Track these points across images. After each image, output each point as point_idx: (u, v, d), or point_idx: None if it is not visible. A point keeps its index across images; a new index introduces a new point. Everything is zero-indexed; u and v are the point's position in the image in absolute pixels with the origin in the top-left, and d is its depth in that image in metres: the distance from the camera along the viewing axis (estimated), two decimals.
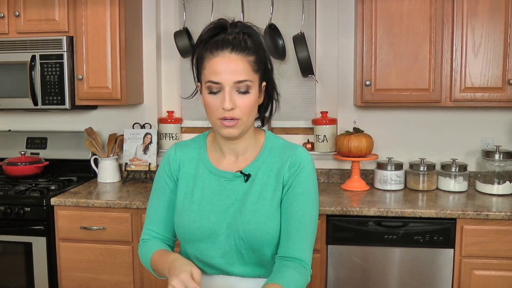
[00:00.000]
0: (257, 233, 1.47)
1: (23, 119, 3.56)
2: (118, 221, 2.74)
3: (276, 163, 1.53)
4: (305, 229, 1.49)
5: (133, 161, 3.22)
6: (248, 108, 1.43)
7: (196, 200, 1.53)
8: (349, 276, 2.62)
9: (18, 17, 3.03)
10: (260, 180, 1.52)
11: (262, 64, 1.48)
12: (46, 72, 3.00)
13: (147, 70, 3.36)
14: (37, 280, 2.79)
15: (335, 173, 3.25)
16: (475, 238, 2.49)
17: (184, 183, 1.57)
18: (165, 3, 3.37)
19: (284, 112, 3.29)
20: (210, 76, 1.41)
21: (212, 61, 1.41)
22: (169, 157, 1.61)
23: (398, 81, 2.79)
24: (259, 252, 1.50)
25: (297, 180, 1.50)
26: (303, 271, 1.45)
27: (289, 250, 1.47)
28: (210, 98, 1.43)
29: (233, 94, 1.41)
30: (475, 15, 2.69)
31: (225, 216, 1.50)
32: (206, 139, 1.62)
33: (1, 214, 2.77)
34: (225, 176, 1.53)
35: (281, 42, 3.16)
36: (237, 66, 1.40)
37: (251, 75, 1.42)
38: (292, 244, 1.47)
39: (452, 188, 2.92)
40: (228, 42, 1.41)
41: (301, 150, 1.55)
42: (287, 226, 1.48)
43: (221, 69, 1.40)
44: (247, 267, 1.52)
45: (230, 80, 1.39)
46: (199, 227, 1.50)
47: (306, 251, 1.48)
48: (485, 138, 3.10)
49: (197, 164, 1.58)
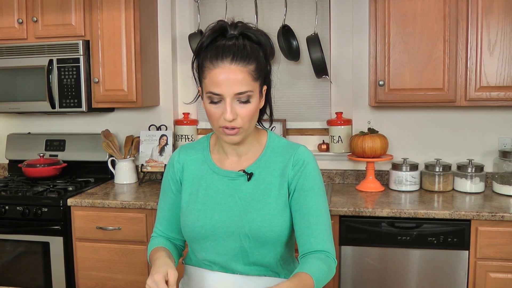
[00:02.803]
0: (263, 231, 1.48)
1: (42, 122, 3.64)
2: (133, 222, 2.78)
3: (279, 162, 1.55)
4: (324, 222, 1.51)
5: (149, 162, 3.25)
6: (249, 116, 1.44)
7: (200, 199, 1.56)
8: (362, 277, 2.60)
9: (36, 23, 3.10)
10: (264, 179, 1.53)
11: (263, 69, 1.48)
12: (63, 76, 3.05)
13: (163, 72, 3.40)
14: (55, 279, 2.85)
15: (350, 174, 3.23)
16: (491, 240, 2.45)
17: (188, 184, 1.60)
18: (180, 6, 3.41)
19: (299, 113, 3.30)
20: (210, 87, 1.41)
21: (212, 72, 1.41)
22: (173, 160, 1.66)
23: (412, 81, 2.77)
24: (264, 250, 1.51)
25: (304, 177, 1.52)
26: (329, 261, 1.48)
27: (313, 245, 1.49)
28: (211, 107, 1.44)
29: (234, 104, 1.41)
30: (490, 12, 2.65)
31: (229, 214, 1.52)
32: (209, 141, 1.65)
33: (20, 214, 2.83)
34: (228, 176, 1.55)
35: (295, 43, 3.16)
36: (237, 76, 1.39)
37: (251, 84, 1.42)
38: (315, 238, 1.49)
39: (468, 189, 2.88)
40: (228, 51, 1.40)
41: (303, 148, 1.58)
42: (306, 222, 1.50)
43: (222, 80, 1.39)
44: (251, 265, 1.54)
45: (231, 92, 1.39)
46: (203, 225, 1.52)
47: (329, 243, 1.51)
48: (503, 138, 3.04)
49: (201, 165, 1.61)
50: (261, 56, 1.48)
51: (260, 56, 1.47)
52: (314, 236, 1.49)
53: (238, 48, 1.42)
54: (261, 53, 1.48)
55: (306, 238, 1.50)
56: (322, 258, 1.46)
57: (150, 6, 3.23)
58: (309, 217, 1.50)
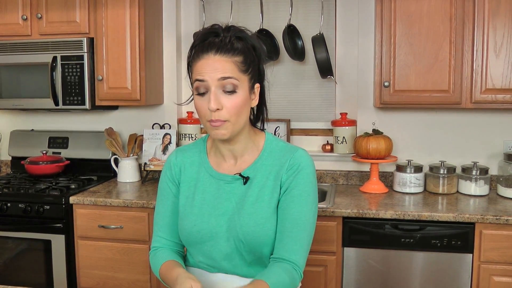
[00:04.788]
0: (255, 235, 1.47)
1: (45, 119, 3.64)
2: (135, 220, 2.77)
3: (275, 166, 1.53)
4: (300, 231, 1.48)
5: (152, 161, 3.24)
6: (236, 108, 1.42)
7: (197, 203, 1.54)
8: (365, 279, 2.59)
9: (40, 19, 3.09)
10: (258, 182, 1.52)
11: (253, 65, 1.47)
12: (67, 73, 3.05)
13: (167, 70, 3.39)
14: (56, 277, 2.84)
15: (354, 175, 3.22)
16: (495, 243, 2.43)
17: (185, 187, 1.59)
18: (185, 4, 3.39)
19: (304, 113, 3.29)
20: (196, 76, 1.43)
21: (198, 63, 1.42)
22: (170, 162, 1.64)
23: (417, 82, 2.75)
24: (259, 254, 1.50)
25: (295, 182, 1.49)
26: (292, 273, 1.45)
27: (280, 252, 1.47)
28: (198, 100, 1.44)
29: (219, 94, 1.41)
30: (497, 14, 2.63)
31: (225, 218, 1.51)
32: (206, 143, 1.63)
33: (22, 212, 2.82)
34: (224, 179, 1.54)
35: (300, 43, 3.15)
36: (222, 65, 1.40)
37: (237, 74, 1.42)
38: (284, 245, 1.47)
39: (473, 192, 2.86)
40: (213, 45, 1.41)
41: (301, 152, 1.54)
42: (281, 227, 1.48)
43: (206, 68, 1.40)
44: (250, 268, 1.53)
45: (214, 77, 1.39)
46: (199, 230, 1.51)
47: (299, 254, 1.47)
48: (508, 141, 3.02)
49: (198, 168, 1.59)
50: (251, 53, 1.47)
51: (249, 53, 1.46)
52: (285, 243, 1.47)
53: (223, 43, 1.42)
54: (252, 52, 1.48)
55: (278, 243, 1.48)
56: (287, 269, 1.44)
57: (155, 3, 3.22)
58: (287, 224, 1.48)
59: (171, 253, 1.60)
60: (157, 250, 1.62)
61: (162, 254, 1.59)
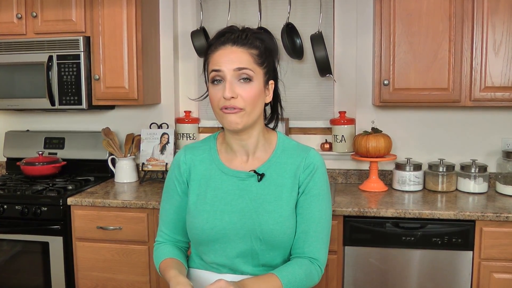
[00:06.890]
0: (275, 233, 1.47)
1: (41, 119, 3.59)
2: (134, 221, 2.74)
3: (290, 164, 1.54)
4: (322, 230, 1.52)
5: (150, 161, 3.22)
6: (251, 98, 1.43)
7: (208, 200, 1.53)
8: (366, 278, 2.59)
9: (36, 18, 3.05)
10: (275, 180, 1.52)
11: (268, 61, 1.49)
12: (63, 72, 3.01)
13: (164, 70, 3.36)
14: (54, 279, 2.81)
15: (353, 173, 3.22)
16: (495, 241, 2.44)
17: (196, 185, 1.57)
18: (182, 3, 3.37)
19: (302, 112, 3.28)
20: (212, 66, 1.44)
21: (215, 54, 1.45)
22: (179, 160, 1.62)
23: (416, 81, 2.75)
24: (275, 252, 1.51)
25: (312, 182, 1.52)
26: (310, 268, 1.47)
27: (305, 251, 1.49)
28: (212, 89, 1.45)
29: (235, 83, 1.42)
30: (496, 12, 2.63)
31: (239, 216, 1.50)
32: (216, 140, 1.62)
33: (19, 214, 2.79)
34: (238, 176, 1.53)
35: (298, 42, 3.14)
36: (238, 56, 1.43)
37: (252, 65, 1.44)
38: (309, 246, 1.49)
39: (472, 190, 2.86)
40: (230, 38, 1.45)
41: (314, 152, 1.58)
42: (306, 228, 1.50)
43: (222, 58, 1.43)
44: (260, 267, 1.53)
45: (230, 67, 1.41)
46: (212, 227, 1.50)
47: (322, 251, 1.51)
48: (506, 139, 3.03)
49: (209, 165, 1.58)
50: (267, 49, 1.50)
51: (265, 48, 1.49)
52: (309, 243, 1.50)
53: (240, 37, 1.46)
54: (268, 49, 1.51)
55: (301, 243, 1.50)
56: (305, 264, 1.47)
57: (152, 2, 3.19)
58: (310, 223, 1.50)
59: (173, 248, 1.62)
60: (160, 245, 1.64)
61: (164, 249, 1.61)
